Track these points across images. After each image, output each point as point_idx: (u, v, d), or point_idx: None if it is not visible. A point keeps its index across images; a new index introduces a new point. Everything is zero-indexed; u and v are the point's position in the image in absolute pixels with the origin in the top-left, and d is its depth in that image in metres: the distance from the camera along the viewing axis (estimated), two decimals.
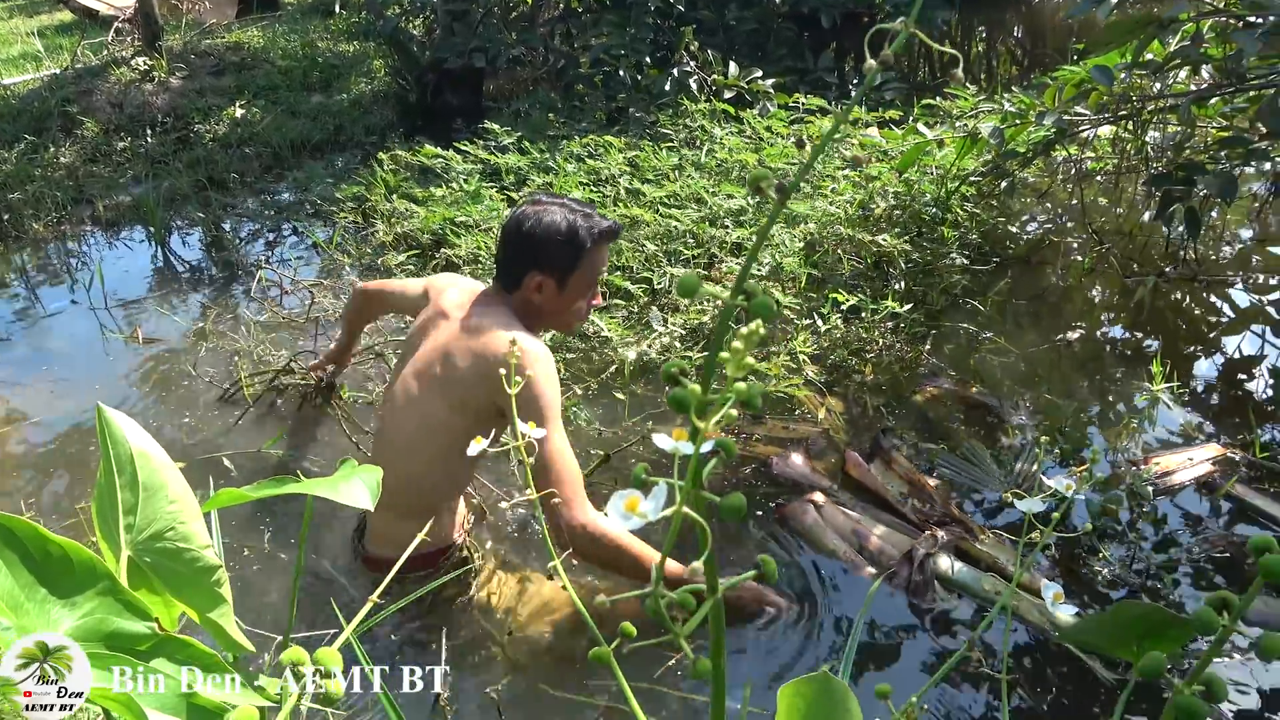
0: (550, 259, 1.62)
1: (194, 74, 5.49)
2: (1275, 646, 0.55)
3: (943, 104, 3.50)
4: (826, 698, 0.63)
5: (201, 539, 0.92)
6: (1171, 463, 1.96)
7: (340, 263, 3.23)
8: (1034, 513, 0.61)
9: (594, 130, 3.88)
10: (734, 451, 0.43)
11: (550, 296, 1.65)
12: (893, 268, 2.76)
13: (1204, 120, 3.11)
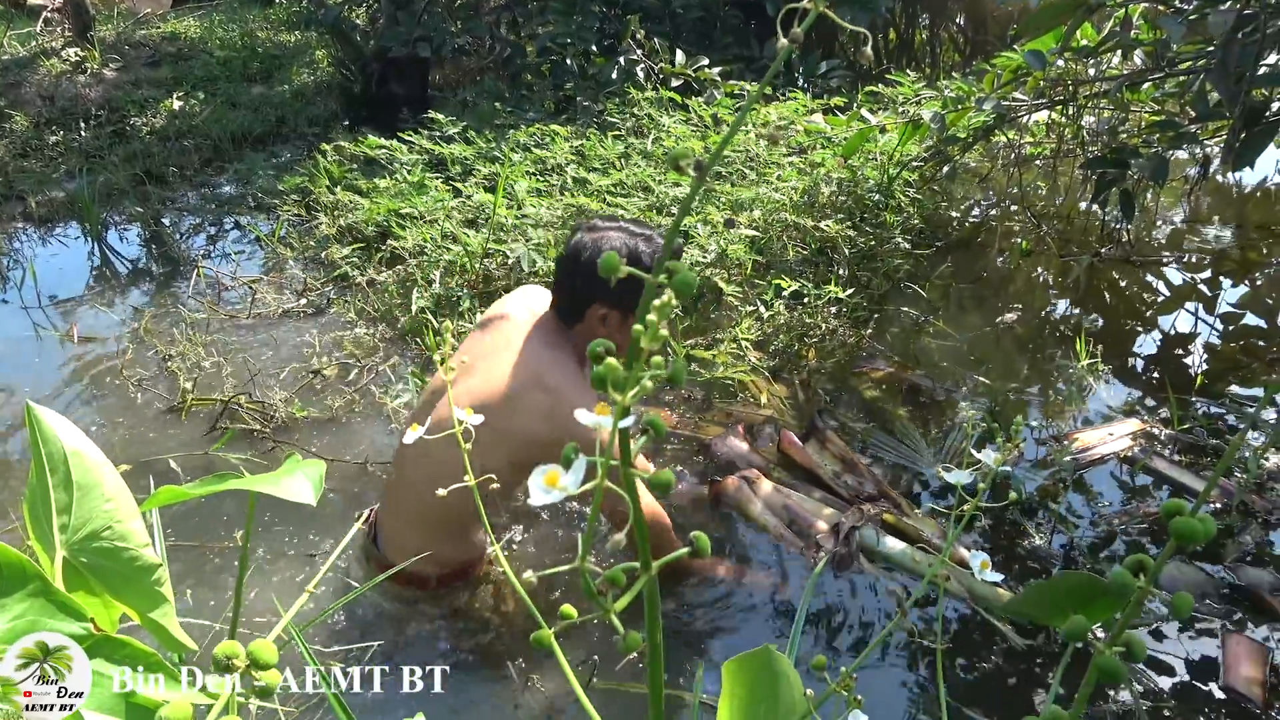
0: (614, 291, 1.50)
1: (129, 65, 5.34)
2: (1184, 604, 0.58)
3: (886, 91, 3.55)
4: (768, 672, 0.66)
5: (139, 538, 0.91)
6: (1092, 438, 2.03)
7: (283, 256, 3.18)
8: (963, 485, 0.64)
9: (541, 119, 3.86)
10: (663, 430, 0.44)
11: (615, 328, 1.55)
12: (837, 253, 2.80)
13: (1137, 105, 3.21)
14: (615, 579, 0.44)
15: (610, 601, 0.44)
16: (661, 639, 0.49)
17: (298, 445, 2.15)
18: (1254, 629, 1.56)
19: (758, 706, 0.61)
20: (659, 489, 0.41)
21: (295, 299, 2.92)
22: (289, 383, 2.42)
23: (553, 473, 0.42)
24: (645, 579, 0.45)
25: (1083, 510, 1.89)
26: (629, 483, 0.43)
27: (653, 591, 0.46)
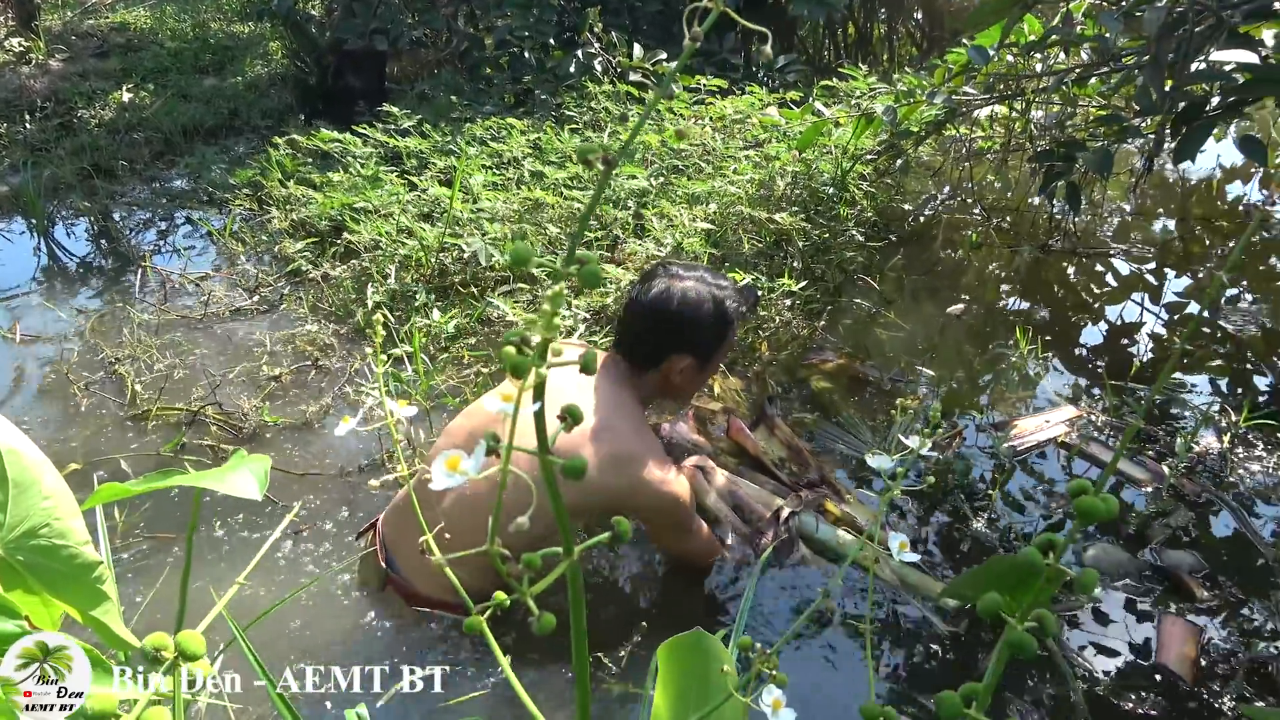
0: (698, 341, 1.53)
1: (76, 56, 5.22)
2: (1090, 580, 0.60)
3: (841, 85, 3.59)
4: (700, 654, 0.68)
5: (79, 535, 0.90)
6: (1030, 425, 2.08)
7: (235, 252, 3.14)
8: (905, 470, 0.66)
9: (499, 113, 3.85)
10: (579, 416, 0.45)
11: (689, 377, 1.57)
12: (791, 246, 2.83)
13: (1084, 99, 3.28)
14: (531, 562, 0.45)
15: (526, 584, 0.46)
16: (585, 623, 0.50)
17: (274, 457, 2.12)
18: (1173, 609, 1.61)
19: (690, 687, 0.63)
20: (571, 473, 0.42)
21: (248, 296, 2.88)
22: (250, 386, 2.38)
23: (454, 458, 0.43)
24: (567, 564, 0.46)
25: (1019, 496, 1.94)
26: (546, 471, 0.45)
27: (575, 575, 0.47)
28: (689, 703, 0.63)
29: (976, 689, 0.53)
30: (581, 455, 1.30)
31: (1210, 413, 2.11)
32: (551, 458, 0.44)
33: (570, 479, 0.43)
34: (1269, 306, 2.75)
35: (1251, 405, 2.10)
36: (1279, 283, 2.93)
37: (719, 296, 1.53)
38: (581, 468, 0.43)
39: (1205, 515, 1.83)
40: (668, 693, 0.64)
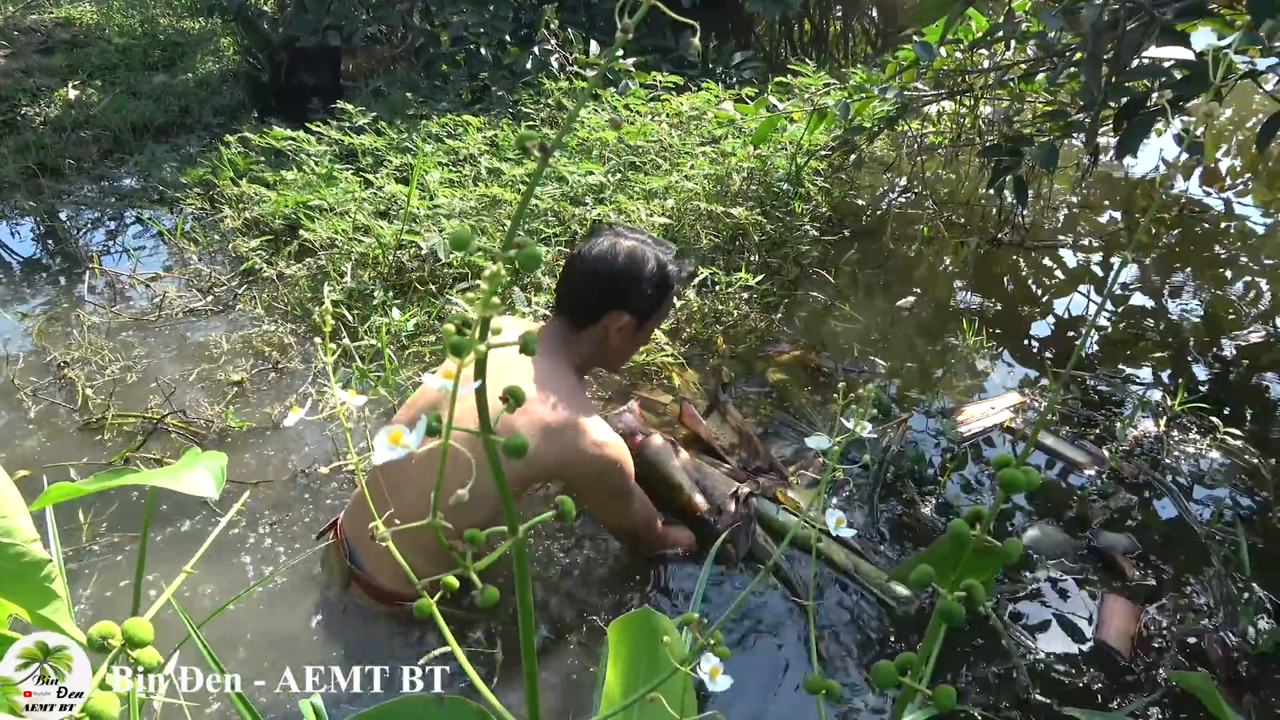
0: (638, 298, 1.54)
1: (19, 52, 5.10)
2: (1013, 549, 0.63)
3: (796, 82, 3.63)
4: (649, 631, 0.70)
5: (26, 534, 0.89)
6: (976, 412, 2.13)
7: (187, 252, 3.10)
8: (824, 450, 0.68)
9: (456, 109, 3.83)
10: (521, 398, 0.46)
11: (626, 337, 1.57)
12: (747, 240, 2.86)
13: (1031, 95, 3.35)
14: (474, 538, 0.46)
15: (470, 560, 0.47)
16: (531, 599, 0.51)
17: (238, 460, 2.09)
18: (1115, 588, 1.67)
19: (639, 663, 0.65)
20: (512, 452, 0.44)
21: (202, 296, 2.84)
22: (209, 389, 2.35)
23: (395, 432, 0.44)
24: (512, 541, 0.48)
25: (969, 481, 1.98)
26: (489, 449, 0.46)
27: (520, 554, 0.49)
28: (639, 677, 0.65)
29: (912, 659, 0.56)
30: (518, 431, 1.32)
31: (1147, 398, 2.17)
32: (494, 437, 0.45)
33: (512, 457, 0.45)
34: (1209, 295, 2.84)
35: (1187, 390, 2.16)
36: (1221, 270, 3.03)
37: (662, 259, 1.55)
38: (523, 446, 0.44)
39: (1145, 497, 1.89)
40: (618, 669, 0.66)
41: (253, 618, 1.60)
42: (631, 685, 0.65)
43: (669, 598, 1.69)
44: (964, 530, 0.57)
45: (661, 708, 0.57)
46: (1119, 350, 2.53)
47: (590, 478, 1.47)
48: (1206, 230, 3.30)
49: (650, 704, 0.54)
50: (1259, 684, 1.43)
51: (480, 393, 0.45)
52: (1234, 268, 3.04)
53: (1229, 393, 2.29)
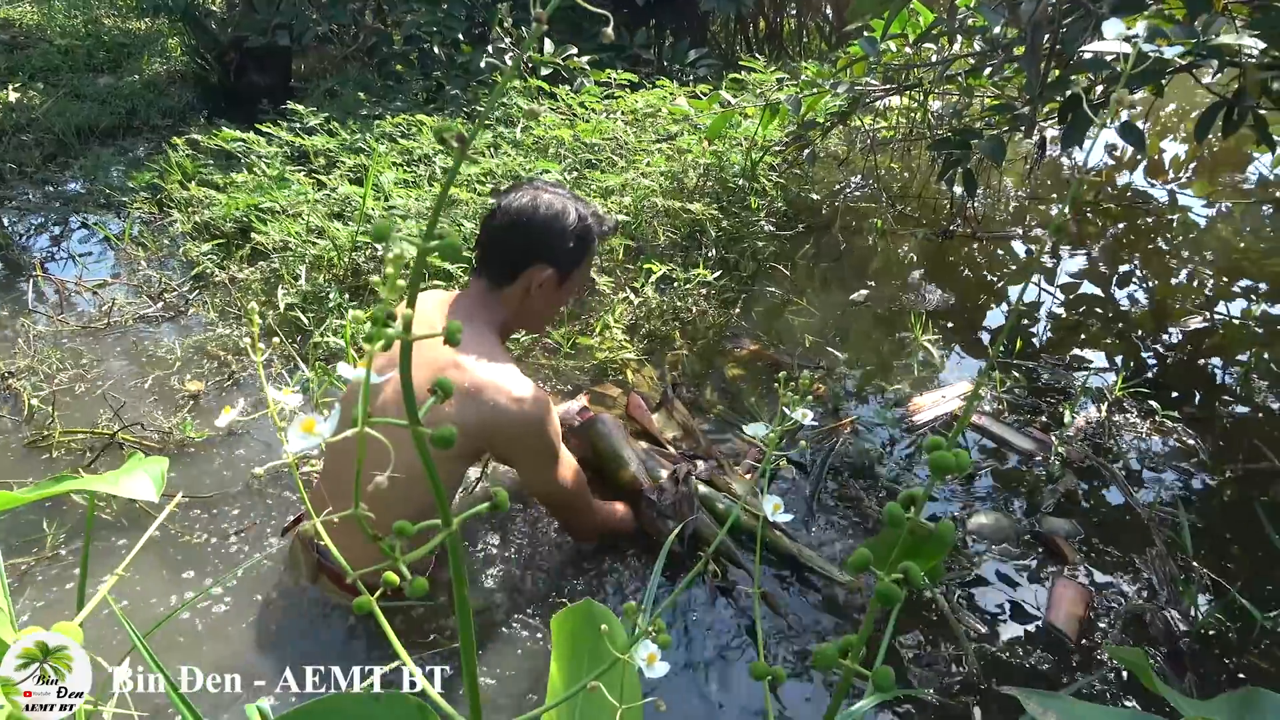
0: (559, 251, 1.49)
1: None
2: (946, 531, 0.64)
3: (750, 78, 3.65)
4: (591, 622, 0.70)
5: None
6: (927, 401, 2.17)
7: (136, 257, 3.04)
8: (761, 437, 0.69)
9: (409, 109, 3.80)
10: (450, 389, 0.46)
11: (548, 293, 1.52)
12: (705, 237, 2.87)
13: (980, 89, 3.41)
14: (403, 530, 0.46)
15: (399, 552, 0.47)
16: (468, 593, 0.51)
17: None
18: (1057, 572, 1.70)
19: (582, 653, 0.66)
20: (440, 443, 0.44)
21: (152, 302, 2.79)
22: (164, 399, 2.30)
23: (309, 420, 0.44)
24: (446, 534, 0.48)
25: (919, 470, 2.01)
26: (419, 442, 0.46)
27: (456, 546, 0.49)
28: (581, 668, 0.65)
29: (852, 641, 0.57)
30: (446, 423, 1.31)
31: (1088, 384, 2.22)
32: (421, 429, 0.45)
33: (440, 448, 0.45)
34: (1158, 284, 2.91)
35: (1132, 376, 2.22)
36: (1169, 260, 3.10)
37: (582, 212, 1.52)
38: (451, 437, 0.44)
39: (1090, 481, 1.94)
40: (561, 660, 0.66)
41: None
42: (575, 675, 0.65)
43: (620, 589, 1.69)
44: (898, 513, 0.58)
45: (604, 696, 0.57)
46: (1071, 337, 2.58)
47: (513, 435, 1.42)
48: (1151, 223, 3.38)
49: (595, 693, 0.55)
50: (1200, 660, 1.47)
51: (405, 381, 0.45)
52: (1177, 258, 3.12)
53: (1173, 377, 2.35)
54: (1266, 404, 2.24)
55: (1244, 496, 1.88)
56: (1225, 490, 1.92)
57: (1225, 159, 3.99)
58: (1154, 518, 1.79)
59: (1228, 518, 1.83)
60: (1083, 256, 3.12)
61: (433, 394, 0.45)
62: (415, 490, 1.46)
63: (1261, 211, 3.43)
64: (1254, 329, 2.59)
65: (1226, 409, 2.22)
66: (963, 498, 1.91)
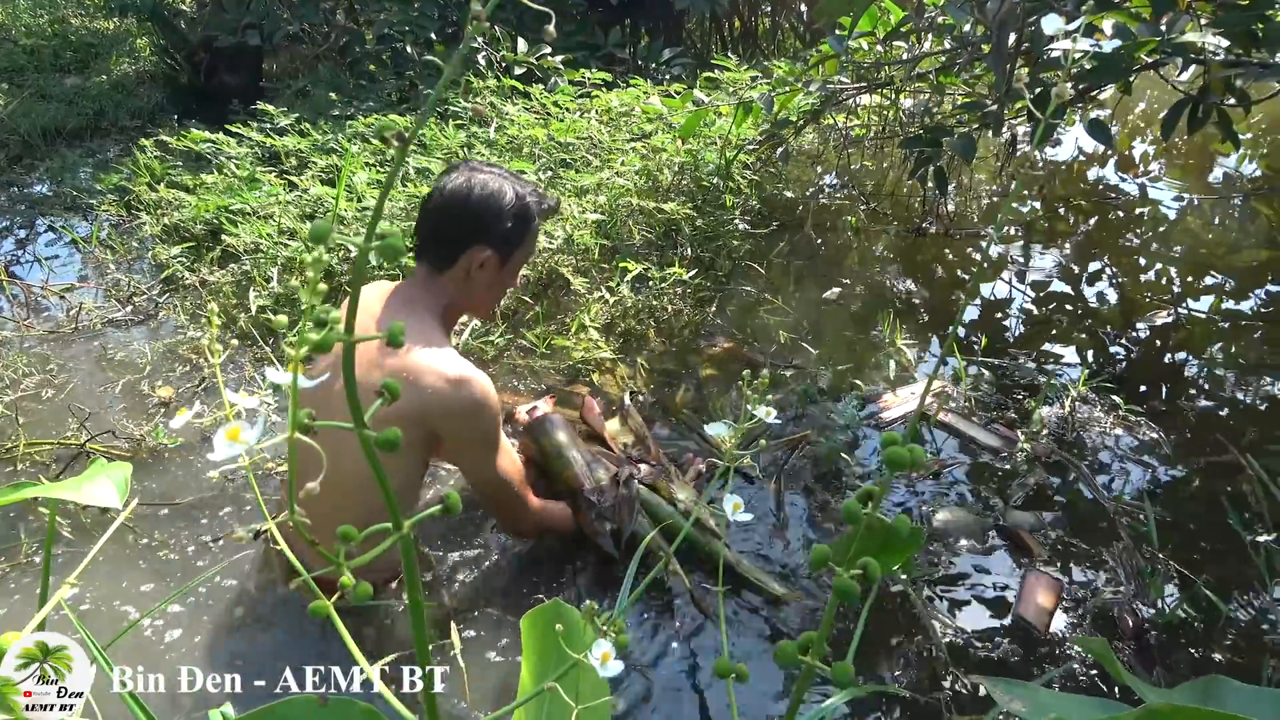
0: (497, 231, 1.46)
1: None
2: (903, 525, 0.65)
3: (723, 77, 3.66)
4: (560, 621, 0.71)
5: None
6: (893, 399, 2.18)
7: (104, 260, 3.00)
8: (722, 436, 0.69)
9: (382, 109, 3.78)
10: (397, 392, 0.46)
11: (490, 275, 1.50)
12: (680, 235, 2.88)
13: (952, 87, 3.43)
14: (349, 535, 0.46)
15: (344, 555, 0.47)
16: (421, 597, 0.51)
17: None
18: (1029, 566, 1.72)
19: (550, 653, 0.66)
20: (385, 445, 0.43)
21: (121, 306, 2.75)
22: (134, 406, 2.27)
23: (234, 429, 0.43)
24: (397, 537, 0.47)
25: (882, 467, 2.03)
26: (365, 445, 0.45)
27: (409, 548, 0.49)
28: (549, 668, 0.65)
29: (812, 637, 0.57)
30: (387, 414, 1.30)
31: (1053, 380, 2.23)
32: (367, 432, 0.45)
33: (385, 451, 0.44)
34: (1127, 280, 2.94)
35: (1101, 370, 2.24)
36: (1138, 255, 3.14)
37: (520, 190, 1.49)
38: (395, 440, 0.44)
39: (1057, 476, 1.96)
40: (531, 660, 0.66)
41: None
42: (543, 675, 0.65)
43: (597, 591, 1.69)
44: (855, 509, 0.58)
45: (572, 693, 0.57)
46: (1042, 332, 2.61)
47: (452, 419, 1.40)
48: (1121, 218, 3.42)
49: (563, 694, 0.55)
50: (1168, 651, 1.49)
51: (349, 382, 0.45)
52: (1146, 253, 3.15)
53: (1140, 371, 2.38)
54: (1233, 396, 2.27)
55: (1210, 489, 1.90)
56: (1192, 482, 1.94)
57: (1195, 155, 4.05)
58: (1119, 511, 1.81)
59: (1194, 510, 1.86)
60: (1054, 252, 3.16)
61: (380, 396, 0.45)
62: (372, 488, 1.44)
63: (1231, 204, 3.48)
64: (1220, 323, 2.62)
65: (1192, 403, 2.25)
66: (931, 494, 1.92)
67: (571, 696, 0.56)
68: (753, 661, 1.51)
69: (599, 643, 0.53)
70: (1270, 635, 1.52)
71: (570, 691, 0.56)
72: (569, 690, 0.56)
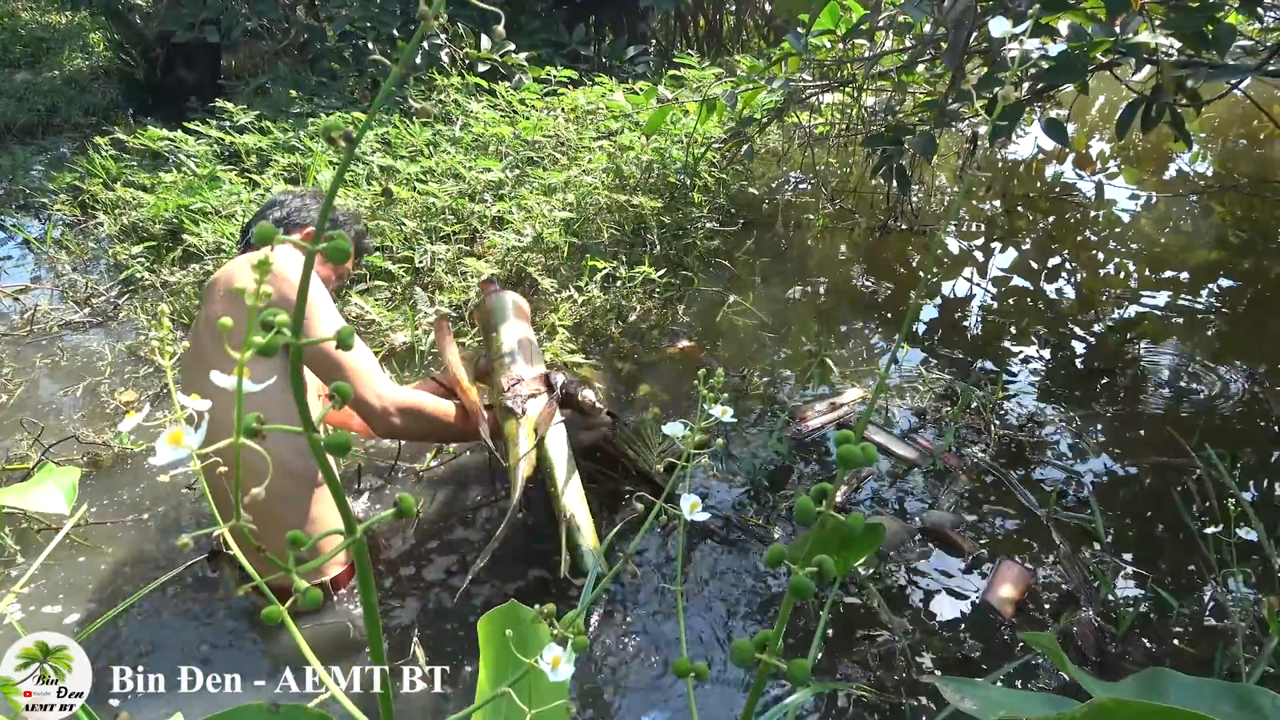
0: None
1: None
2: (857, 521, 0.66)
3: (686, 74, 3.67)
4: (515, 622, 0.71)
5: None
6: (815, 410, 2.16)
7: (59, 260, 2.93)
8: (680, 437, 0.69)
9: (344, 107, 3.74)
10: (348, 395, 0.46)
11: None
12: (649, 234, 2.88)
13: (915, 85, 3.47)
14: (297, 539, 0.46)
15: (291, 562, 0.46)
16: (375, 599, 0.51)
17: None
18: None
19: (506, 656, 0.66)
20: (336, 449, 0.43)
21: (78, 308, 2.70)
22: (94, 411, 2.22)
23: (176, 432, 0.43)
24: (350, 540, 0.47)
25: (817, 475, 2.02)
26: (315, 449, 0.45)
27: (362, 552, 0.48)
28: (506, 670, 0.65)
29: (769, 635, 0.58)
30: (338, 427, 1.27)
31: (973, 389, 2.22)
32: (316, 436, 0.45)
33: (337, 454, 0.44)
34: (1086, 276, 3.00)
35: (1053, 367, 2.27)
36: (1094, 253, 3.20)
37: None
38: (346, 444, 0.44)
39: (984, 483, 1.96)
40: (489, 663, 0.67)
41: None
42: (501, 677, 0.65)
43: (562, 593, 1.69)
44: (809, 506, 0.59)
45: (528, 696, 0.58)
46: (1001, 329, 2.64)
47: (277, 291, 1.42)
48: (1079, 216, 3.48)
49: (519, 693, 0.55)
50: (1126, 654, 1.52)
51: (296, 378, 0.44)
52: (1104, 250, 3.21)
53: (1096, 369, 2.42)
54: (1190, 389, 2.32)
55: (1157, 485, 1.94)
56: (1139, 479, 1.97)
57: (1150, 154, 4.13)
58: (1054, 517, 1.80)
59: (1142, 506, 1.89)
60: (1013, 250, 3.20)
61: (330, 399, 0.44)
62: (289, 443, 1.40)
63: (1188, 201, 3.56)
64: (1174, 320, 2.68)
65: (1146, 398, 2.30)
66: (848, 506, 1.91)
67: (526, 699, 0.56)
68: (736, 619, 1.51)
69: (550, 647, 0.53)
70: (1222, 624, 1.56)
71: (525, 693, 0.56)
72: (523, 693, 0.56)
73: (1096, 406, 2.21)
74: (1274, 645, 1.18)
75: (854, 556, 1.27)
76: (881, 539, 1.57)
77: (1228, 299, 2.80)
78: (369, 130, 3.30)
